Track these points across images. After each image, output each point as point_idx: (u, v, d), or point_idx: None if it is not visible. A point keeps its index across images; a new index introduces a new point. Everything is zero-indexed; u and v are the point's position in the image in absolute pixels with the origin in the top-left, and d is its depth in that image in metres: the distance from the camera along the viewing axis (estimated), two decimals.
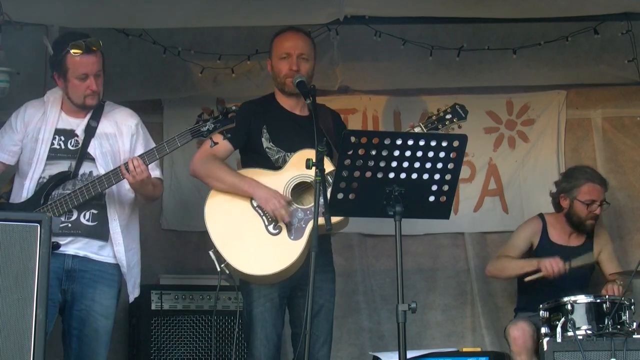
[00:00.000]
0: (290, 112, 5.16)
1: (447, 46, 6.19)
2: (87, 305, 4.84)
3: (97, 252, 4.89)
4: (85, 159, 4.92)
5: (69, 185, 4.87)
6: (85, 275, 4.85)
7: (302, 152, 4.95)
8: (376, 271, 6.59)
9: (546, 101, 6.67)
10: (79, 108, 4.95)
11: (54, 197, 4.83)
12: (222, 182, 4.98)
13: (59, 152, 4.92)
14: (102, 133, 4.97)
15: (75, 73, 4.85)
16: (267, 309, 4.96)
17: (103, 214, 4.91)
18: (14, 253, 3.97)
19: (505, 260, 5.97)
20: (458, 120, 5.12)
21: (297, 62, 5.06)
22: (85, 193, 4.79)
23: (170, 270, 6.33)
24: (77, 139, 4.93)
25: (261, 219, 4.94)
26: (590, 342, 5.15)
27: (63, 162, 4.90)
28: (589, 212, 5.92)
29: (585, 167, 6.10)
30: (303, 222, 4.91)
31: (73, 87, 4.89)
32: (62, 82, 4.91)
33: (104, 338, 4.87)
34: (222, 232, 4.90)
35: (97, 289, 4.86)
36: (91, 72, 4.87)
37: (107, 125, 5.00)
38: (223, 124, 4.81)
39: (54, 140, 4.92)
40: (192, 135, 4.81)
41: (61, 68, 4.88)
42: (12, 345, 3.89)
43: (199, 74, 6.26)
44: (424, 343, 6.39)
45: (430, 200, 4.31)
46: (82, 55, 4.83)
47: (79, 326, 4.84)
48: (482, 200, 6.64)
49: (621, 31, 6.06)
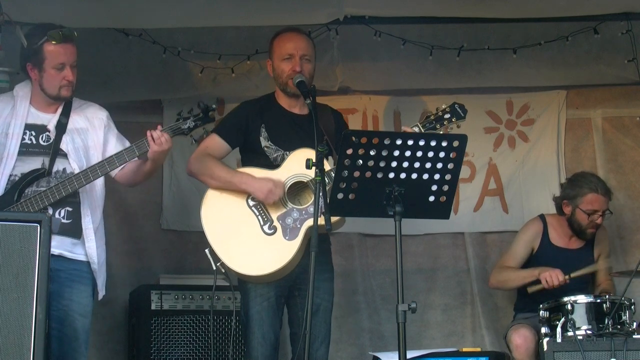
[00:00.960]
0: (289, 111, 5.16)
1: (447, 46, 6.19)
2: (64, 304, 4.78)
3: (70, 249, 4.83)
4: (58, 155, 4.86)
5: (43, 182, 4.81)
6: (61, 274, 4.77)
7: (298, 152, 4.96)
8: (376, 271, 6.60)
9: (546, 101, 6.67)
10: (53, 100, 4.90)
11: (27, 194, 4.76)
12: (216, 179, 4.99)
13: (30, 147, 4.84)
14: (73, 128, 4.92)
15: (52, 62, 4.82)
16: (264, 308, 4.97)
17: (77, 211, 4.86)
18: (14, 253, 3.98)
19: (507, 273, 5.96)
20: (457, 119, 5.11)
21: (300, 63, 5.06)
22: (62, 190, 4.73)
23: (170, 270, 6.33)
24: (48, 134, 4.87)
25: (257, 219, 4.94)
26: (590, 342, 5.15)
27: (35, 157, 4.84)
28: (590, 221, 5.91)
29: (590, 176, 6.06)
30: (298, 223, 4.92)
31: (49, 77, 4.85)
32: (37, 72, 4.86)
33: (83, 337, 4.83)
34: (218, 232, 4.92)
35: (74, 288, 4.81)
36: (68, 61, 4.84)
37: (78, 120, 4.95)
38: (203, 122, 4.81)
39: (24, 136, 4.84)
40: (173, 132, 4.81)
41: (37, 58, 4.84)
42: (12, 345, 3.90)
43: (198, 74, 6.25)
44: (424, 343, 6.39)
45: (430, 200, 4.31)
46: (60, 44, 4.82)
47: (57, 326, 4.75)
48: (482, 200, 6.64)
49: (621, 31, 6.06)
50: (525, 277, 5.85)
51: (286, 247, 4.88)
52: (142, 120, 6.43)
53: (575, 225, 5.96)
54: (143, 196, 6.44)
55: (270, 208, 4.95)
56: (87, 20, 5.35)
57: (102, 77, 6.09)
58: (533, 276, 5.78)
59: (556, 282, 5.64)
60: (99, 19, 5.47)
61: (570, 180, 6.08)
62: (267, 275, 4.88)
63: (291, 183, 4.97)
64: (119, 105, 6.24)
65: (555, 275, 5.65)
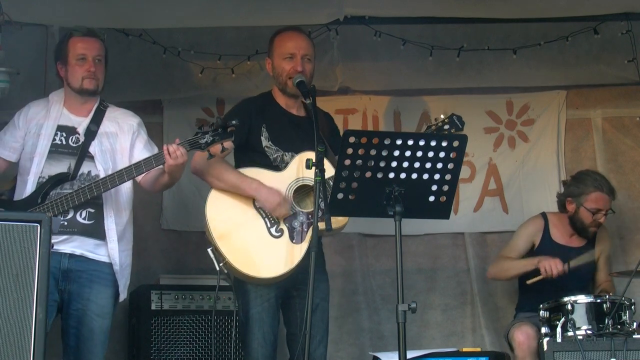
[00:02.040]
0: (288, 111, 5.15)
1: (447, 46, 6.19)
2: (83, 304, 4.86)
3: (93, 250, 4.90)
4: (85, 157, 4.94)
5: (67, 185, 4.89)
6: (82, 275, 4.87)
7: (303, 154, 4.93)
8: (376, 271, 6.59)
9: (546, 101, 6.67)
10: (78, 93, 5.00)
11: (51, 197, 4.84)
12: (224, 182, 4.96)
13: (60, 148, 4.94)
14: (103, 132, 5.02)
15: (74, 54, 4.96)
16: (264, 309, 4.96)
17: (99, 212, 4.93)
18: (14, 253, 3.97)
19: (506, 262, 5.97)
20: (455, 131, 5.09)
21: (301, 63, 5.05)
22: (87, 193, 4.81)
23: (170, 270, 6.33)
24: (78, 136, 4.97)
25: (263, 221, 4.93)
26: (590, 342, 5.15)
27: (64, 158, 4.93)
28: (594, 220, 5.91)
29: (595, 174, 6.07)
30: (305, 226, 4.91)
31: (72, 71, 4.98)
32: (64, 69, 5.01)
33: (100, 337, 4.89)
34: (224, 231, 4.89)
35: (94, 288, 4.88)
36: (90, 53, 4.97)
37: (109, 125, 5.06)
38: (222, 137, 4.79)
39: (55, 136, 4.95)
40: (190, 146, 4.81)
41: (63, 54, 5.00)
42: (12, 345, 3.89)
43: (199, 74, 6.26)
44: (424, 343, 6.39)
45: (430, 200, 4.32)
46: (82, 37, 4.98)
47: (76, 325, 4.86)
48: (482, 200, 6.64)
49: (621, 31, 6.07)
50: (525, 266, 5.84)
51: (294, 251, 4.87)
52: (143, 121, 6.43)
53: (578, 223, 5.96)
54: (143, 196, 6.40)
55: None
56: (87, 20, 5.35)
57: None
58: (532, 264, 5.77)
59: (555, 271, 5.64)
60: (99, 19, 5.47)
61: (575, 178, 6.08)
62: (276, 277, 4.86)
63: (297, 186, 4.97)
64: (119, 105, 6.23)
65: (555, 264, 5.65)
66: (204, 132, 4.79)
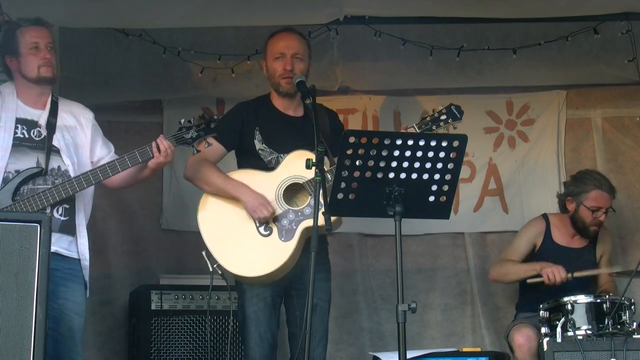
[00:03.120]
0: (284, 113, 5.16)
1: (447, 46, 6.19)
2: (60, 304, 4.73)
3: (67, 247, 4.81)
4: (51, 151, 4.83)
5: (40, 180, 4.78)
6: (57, 273, 4.66)
7: (295, 154, 4.97)
8: (376, 271, 6.60)
9: (546, 101, 6.68)
10: (35, 83, 4.86)
11: (23, 192, 4.72)
12: (210, 185, 5.01)
13: (23, 141, 4.80)
14: (62, 125, 4.90)
15: (26, 44, 4.84)
16: (260, 309, 4.97)
17: (72, 208, 4.84)
18: (14, 253, 3.98)
19: (508, 265, 5.96)
20: (453, 121, 5.09)
21: (291, 62, 5.06)
22: (68, 189, 4.70)
23: (170, 270, 6.33)
24: (39, 129, 4.84)
25: (252, 220, 4.95)
26: (590, 342, 5.14)
27: (30, 152, 4.79)
28: (594, 218, 5.91)
29: (595, 173, 6.07)
30: (294, 224, 4.93)
31: (26, 61, 4.85)
32: (15, 61, 4.87)
33: (79, 335, 4.80)
34: (215, 234, 4.93)
35: (69, 287, 4.78)
36: (42, 41, 4.85)
37: (66, 117, 4.94)
38: (206, 132, 4.80)
39: (16, 130, 4.81)
40: (176, 141, 4.80)
41: (12, 46, 4.85)
42: (12, 345, 3.90)
43: (198, 74, 6.25)
44: (424, 343, 6.39)
45: (430, 200, 4.31)
46: (31, 26, 4.88)
47: (53, 326, 4.65)
48: (482, 200, 6.64)
49: (621, 31, 6.06)
50: (526, 271, 5.84)
51: (282, 248, 4.89)
52: (142, 120, 6.44)
53: (578, 222, 5.96)
54: (143, 196, 6.44)
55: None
56: (87, 20, 5.36)
57: (102, 77, 6.10)
58: (534, 270, 5.77)
59: (558, 279, 5.64)
60: (99, 19, 5.48)
61: (575, 177, 6.08)
62: (263, 276, 4.89)
63: (287, 185, 4.98)
64: (119, 105, 6.26)
65: (558, 272, 5.65)
66: (187, 127, 4.80)
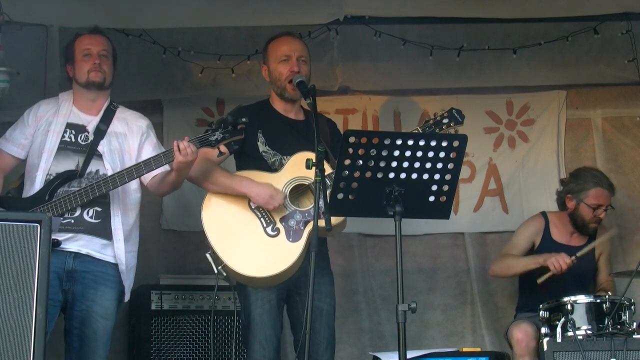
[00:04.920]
0: (285, 116, 5.16)
1: (447, 46, 6.19)
2: (87, 306, 4.85)
3: (99, 250, 4.89)
4: (94, 156, 4.95)
5: (74, 183, 4.89)
6: (87, 276, 4.86)
7: (299, 155, 4.96)
8: (376, 271, 6.59)
9: (546, 101, 6.68)
10: (85, 88, 5.01)
11: (59, 194, 4.84)
12: (216, 184, 4.99)
13: (68, 145, 4.95)
14: (112, 132, 5.03)
15: (80, 51, 5.02)
16: (265, 311, 4.94)
17: (106, 211, 4.93)
18: (14, 253, 3.97)
19: (509, 259, 5.96)
20: (455, 124, 5.10)
21: (297, 64, 5.06)
22: (95, 191, 4.80)
23: (170, 270, 6.33)
24: (87, 134, 4.98)
25: (259, 221, 4.94)
26: (590, 342, 5.14)
27: (72, 156, 4.93)
28: (594, 216, 5.91)
29: (594, 170, 6.08)
30: (301, 225, 4.91)
31: (78, 67, 5.02)
32: (72, 68, 5.05)
33: (103, 339, 4.88)
34: (220, 235, 4.91)
35: (99, 290, 4.87)
36: (95, 48, 5.02)
37: (118, 125, 5.07)
38: (232, 135, 4.80)
39: (64, 133, 4.97)
40: (200, 144, 4.81)
41: (69, 54, 5.06)
42: (12, 345, 3.89)
43: (198, 74, 6.26)
44: (424, 343, 6.39)
45: (430, 200, 4.31)
46: (87, 35, 5.06)
47: (79, 326, 4.86)
48: (482, 200, 6.64)
49: (621, 31, 6.07)
50: (528, 264, 5.83)
51: (290, 249, 4.87)
52: None
53: (578, 219, 5.96)
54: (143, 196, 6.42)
55: (273, 210, 4.94)
56: (87, 20, 5.35)
57: None
58: (537, 263, 5.76)
59: (564, 265, 5.63)
60: (99, 19, 5.47)
61: (574, 174, 6.08)
62: (272, 277, 4.85)
63: (293, 186, 4.97)
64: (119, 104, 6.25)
65: (562, 258, 5.64)
66: (213, 129, 4.81)
